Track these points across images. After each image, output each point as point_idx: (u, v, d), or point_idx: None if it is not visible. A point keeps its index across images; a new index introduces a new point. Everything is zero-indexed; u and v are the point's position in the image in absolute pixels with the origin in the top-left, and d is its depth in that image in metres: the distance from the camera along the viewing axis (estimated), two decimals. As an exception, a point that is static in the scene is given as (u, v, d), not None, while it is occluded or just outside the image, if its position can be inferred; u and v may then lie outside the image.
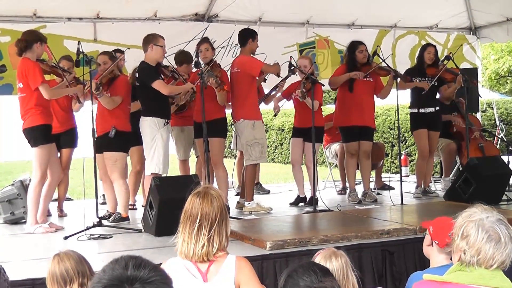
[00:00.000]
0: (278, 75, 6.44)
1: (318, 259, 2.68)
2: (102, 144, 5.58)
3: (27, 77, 5.16)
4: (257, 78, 6.33)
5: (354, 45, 6.65)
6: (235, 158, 7.92)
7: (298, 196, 6.69)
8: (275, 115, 7.03)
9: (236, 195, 7.31)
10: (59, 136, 5.94)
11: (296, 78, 6.78)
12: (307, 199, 6.58)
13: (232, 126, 6.50)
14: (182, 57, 6.59)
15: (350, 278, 2.65)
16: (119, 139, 5.65)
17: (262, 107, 7.60)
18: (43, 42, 5.33)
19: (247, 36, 6.28)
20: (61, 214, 6.20)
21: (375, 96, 6.82)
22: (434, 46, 7.10)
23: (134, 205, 6.50)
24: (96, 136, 5.61)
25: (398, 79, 6.53)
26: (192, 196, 2.59)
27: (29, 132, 5.24)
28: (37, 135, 5.22)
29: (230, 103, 6.32)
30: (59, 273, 2.60)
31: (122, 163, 5.75)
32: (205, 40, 6.29)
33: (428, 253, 3.11)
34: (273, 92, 6.96)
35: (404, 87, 6.86)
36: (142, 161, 6.50)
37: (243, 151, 6.27)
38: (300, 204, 6.60)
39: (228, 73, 6.37)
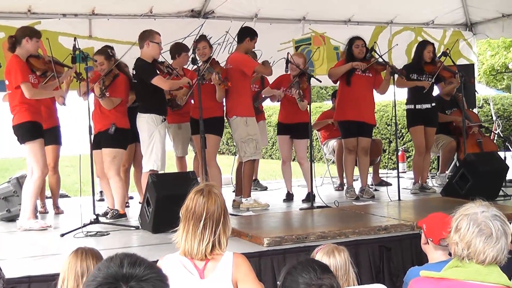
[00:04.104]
0: (270, 75, 6.50)
1: (320, 254, 2.68)
2: (101, 140, 5.56)
3: (10, 75, 5.15)
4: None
5: (352, 40, 6.67)
6: (234, 154, 7.90)
7: (288, 192, 6.74)
8: (278, 100, 6.94)
9: (233, 191, 7.30)
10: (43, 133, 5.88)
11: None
12: (294, 196, 6.70)
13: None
14: (178, 47, 6.51)
15: (351, 274, 2.66)
16: (118, 136, 5.63)
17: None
18: (33, 37, 5.26)
19: (246, 35, 6.26)
20: (58, 211, 6.18)
21: (375, 92, 6.81)
22: (433, 44, 7.10)
23: (127, 202, 6.47)
24: (95, 132, 5.60)
25: (396, 76, 6.51)
26: (195, 194, 2.55)
27: (16, 129, 5.24)
28: (23, 132, 5.21)
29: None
30: (62, 270, 2.60)
31: (120, 159, 5.74)
32: (202, 37, 6.27)
33: (426, 251, 3.14)
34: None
35: (404, 85, 6.86)
36: (131, 159, 6.49)
37: (237, 148, 6.26)
38: (292, 200, 6.65)
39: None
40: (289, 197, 6.70)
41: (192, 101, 6.35)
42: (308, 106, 6.21)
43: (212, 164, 6.00)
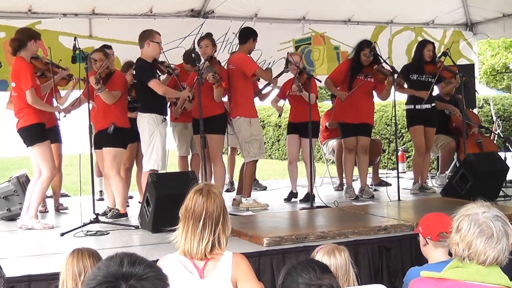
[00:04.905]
0: (270, 81, 6.52)
1: (320, 254, 2.68)
2: (101, 139, 5.57)
3: (19, 78, 5.16)
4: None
5: (361, 46, 6.65)
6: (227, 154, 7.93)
7: (291, 191, 6.73)
8: (279, 116, 7.04)
9: (226, 191, 7.30)
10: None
11: (288, 76, 6.79)
12: (298, 195, 6.68)
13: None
14: (189, 57, 6.50)
15: (351, 274, 2.66)
16: (118, 135, 5.63)
17: (258, 103, 7.60)
18: (37, 39, 5.31)
19: (249, 35, 6.27)
20: (62, 208, 6.22)
21: (375, 94, 6.83)
22: (433, 43, 7.10)
23: (127, 202, 6.48)
24: (95, 131, 5.61)
25: (395, 75, 6.52)
26: (194, 193, 2.55)
27: (23, 132, 5.25)
28: (31, 134, 5.23)
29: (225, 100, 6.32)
30: (61, 272, 2.61)
31: (120, 159, 5.76)
32: (206, 35, 6.27)
33: (426, 253, 3.14)
34: (268, 87, 6.94)
35: (402, 91, 6.88)
36: (132, 158, 6.50)
37: (241, 148, 6.25)
38: (293, 199, 6.65)
39: (225, 69, 6.39)
40: (292, 196, 6.68)
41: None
42: (315, 100, 6.22)
43: (218, 163, 6.02)
